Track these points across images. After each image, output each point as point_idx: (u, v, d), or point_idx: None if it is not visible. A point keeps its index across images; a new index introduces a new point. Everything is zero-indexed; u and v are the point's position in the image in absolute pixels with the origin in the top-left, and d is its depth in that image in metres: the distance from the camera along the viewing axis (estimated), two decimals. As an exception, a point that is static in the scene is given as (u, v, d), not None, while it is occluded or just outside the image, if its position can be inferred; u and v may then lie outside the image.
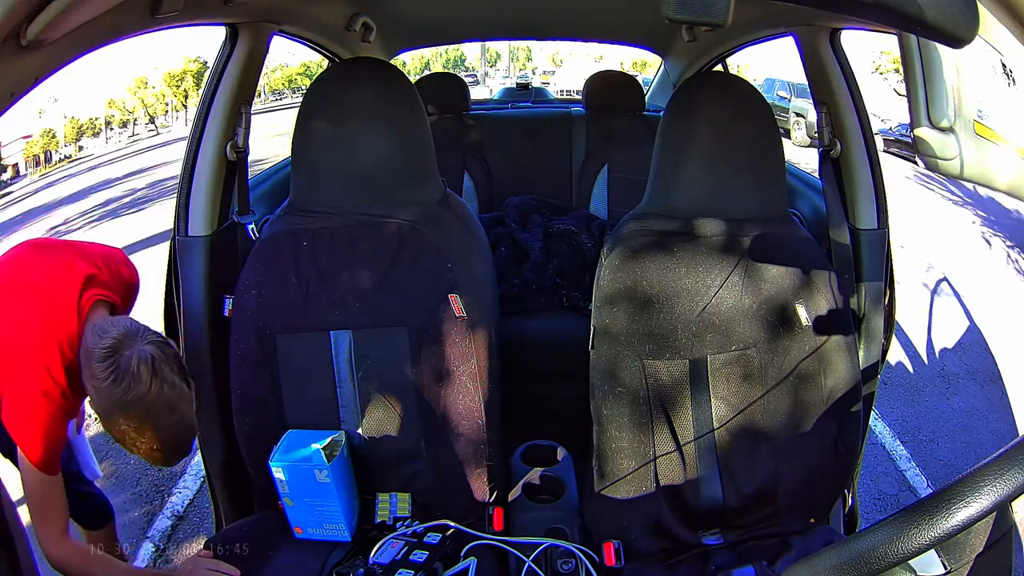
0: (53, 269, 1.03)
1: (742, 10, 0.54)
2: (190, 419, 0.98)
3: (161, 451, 0.97)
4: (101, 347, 0.92)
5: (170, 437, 0.96)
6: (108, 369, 0.91)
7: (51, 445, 0.97)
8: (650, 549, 1.01)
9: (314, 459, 0.94)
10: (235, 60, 1.26)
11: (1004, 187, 0.57)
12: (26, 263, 1.04)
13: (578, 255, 1.74)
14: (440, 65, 21.12)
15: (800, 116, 10.19)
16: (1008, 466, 0.41)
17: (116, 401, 0.91)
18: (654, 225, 1.04)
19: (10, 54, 0.55)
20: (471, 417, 1.03)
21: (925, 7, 0.44)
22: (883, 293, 1.22)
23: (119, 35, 0.77)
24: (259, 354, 1.03)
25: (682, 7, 0.45)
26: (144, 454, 0.97)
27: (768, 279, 1.02)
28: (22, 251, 1.07)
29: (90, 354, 0.92)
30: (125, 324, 0.97)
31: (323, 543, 1.00)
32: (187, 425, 0.98)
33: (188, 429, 0.99)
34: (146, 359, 0.92)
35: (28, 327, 0.97)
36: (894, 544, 0.43)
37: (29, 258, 1.06)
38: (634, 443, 1.01)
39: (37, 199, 9.52)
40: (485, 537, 0.99)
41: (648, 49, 2.44)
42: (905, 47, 0.57)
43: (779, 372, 1.02)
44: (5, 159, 13.51)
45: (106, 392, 0.91)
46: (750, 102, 1.01)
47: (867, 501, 2.13)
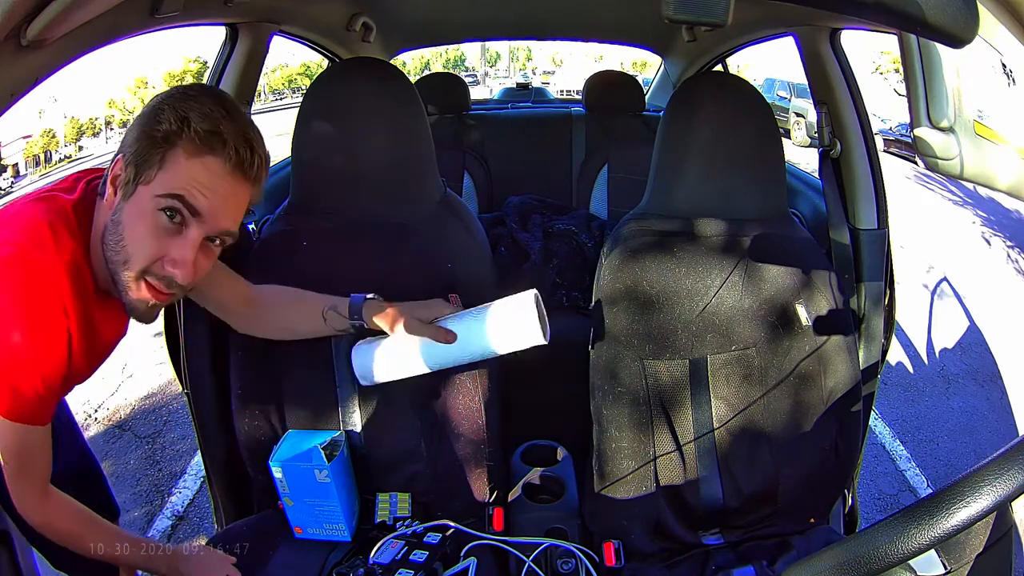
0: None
1: (742, 10, 0.54)
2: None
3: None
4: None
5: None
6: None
7: (50, 381, 0.74)
8: (650, 549, 1.01)
9: (314, 459, 0.94)
10: (235, 60, 1.26)
11: (1004, 187, 0.57)
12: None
13: (578, 255, 1.74)
14: (440, 65, 21.12)
15: (800, 116, 10.20)
16: (1008, 466, 0.41)
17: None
18: (654, 225, 1.04)
19: (10, 54, 0.55)
20: (471, 417, 1.03)
21: (925, 7, 0.44)
22: (883, 293, 1.22)
23: (119, 35, 0.77)
24: (260, 354, 1.03)
25: (682, 7, 0.45)
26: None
27: (768, 279, 1.02)
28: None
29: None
30: None
31: (323, 543, 1.00)
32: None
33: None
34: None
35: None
36: (894, 544, 0.43)
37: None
38: (634, 443, 1.01)
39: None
40: (485, 537, 0.99)
41: (648, 49, 2.44)
42: (905, 47, 0.57)
43: (779, 372, 1.02)
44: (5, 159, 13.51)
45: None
46: (750, 102, 1.01)
47: (867, 501, 2.13)
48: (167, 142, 0.71)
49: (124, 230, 0.72)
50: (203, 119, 0.71)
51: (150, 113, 0.73)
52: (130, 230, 0.72)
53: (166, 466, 2.31)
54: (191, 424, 1.19)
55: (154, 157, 0.71)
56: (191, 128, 0.71)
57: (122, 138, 0.76)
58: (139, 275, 0.73)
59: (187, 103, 0.72)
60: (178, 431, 2.52)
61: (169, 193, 0.71)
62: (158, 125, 0.71)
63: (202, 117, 0.71)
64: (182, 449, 2.39)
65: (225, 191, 0.74)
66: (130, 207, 0.72)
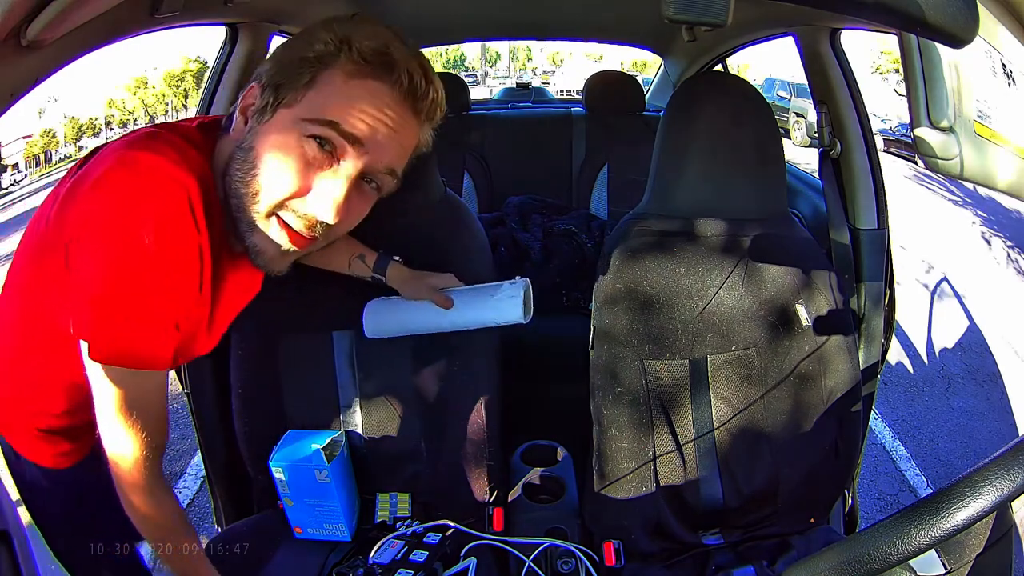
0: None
1: (742, 10, 0.54)
2: None
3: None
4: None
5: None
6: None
7: (172, 313, 0.62)
8: (650, 549, 1.01)
9: (314, 459, 0.94)
10: (235, 60, 1.26)
11: (1004, 187, 0.57)
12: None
13: (578, 255, 1.74)
14: (440, 65, 21.11)
15: (800, 116, 10.19)
16: (1008, 466, 0.41)
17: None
18: (654, 225, 1.04)
19: (10, 54, 0.55)
20: (471, 417, 1.03)
21: (925, 7, 0.44)
22: (883, 293, 1.22)
23: (119, 35, 0.77)
24: (261, 354, 1.03)
25: (682, 7, 0.45)
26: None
27: (768, 279, 1.02)
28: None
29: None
30: None
31: (323, 543, 1.00)
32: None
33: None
34: None
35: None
36: (894, 544, 0.43)
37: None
38: (634, 443, 1.01)
39: (37, 199, 9.52)
40: (485, 537, 0.99)
41: (648, 49, 2.44)
42: (905, 47, 0.57)
43: (779, 372, 1.02)
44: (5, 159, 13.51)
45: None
46: (750, 102, 1.01)
47: (867, 501, 2.13)
48: (320, 62, 0.61)
49: (257, 158, 0.61)
50: (373, 43, 0.61)
51: (300, 37, 0.63)
52: (265, 159, 0.61)
53: (166, 466, 2.28)
54: (191, 424, 1.19)
55: (301, 77, 0.60)
56: (352, 47, 0.60)
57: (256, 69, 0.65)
58: (271, 210, 0.62)
59: (348, 25, 0.62)
60: (178, 431, 2.51)
61: (320, 118, 0.60)
62: (309, 46, 0.61)
63: (370, 41, 0.61)
64: (182, 449, 2.39)
65: (391, 121, 0.62)
66: (266, 130, 0.61)
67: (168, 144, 0.61)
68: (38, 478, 0.82)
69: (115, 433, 0.66)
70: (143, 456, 0.68)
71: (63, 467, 0.83)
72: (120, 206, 0.57)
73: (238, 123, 0.64)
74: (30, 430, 0.80)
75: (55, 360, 0.72)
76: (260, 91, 0.63)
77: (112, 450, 0.67)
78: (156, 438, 0.69)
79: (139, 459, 0.68)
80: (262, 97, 0.62)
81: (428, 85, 0.64)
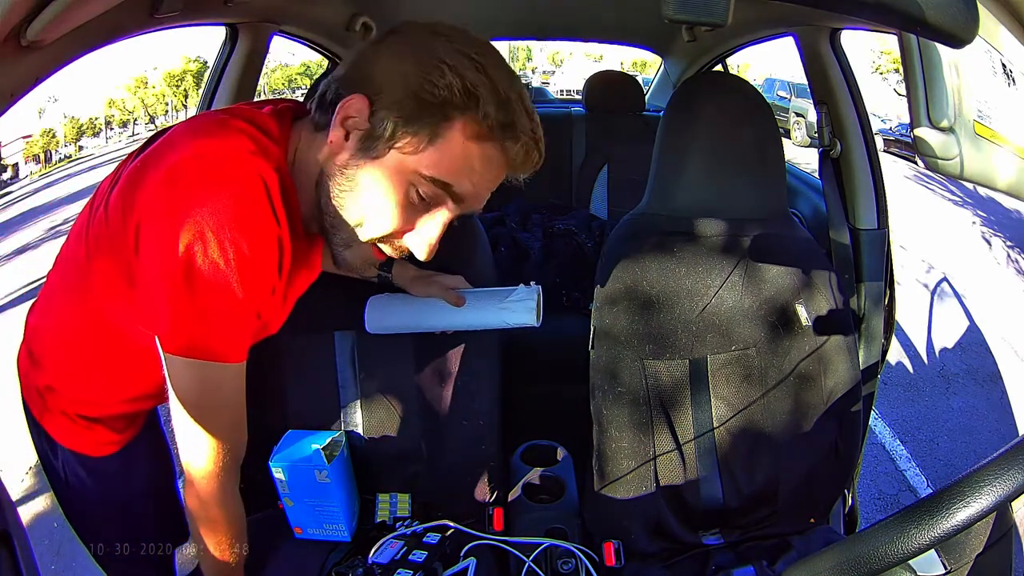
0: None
1: (742, 10, 0.54)
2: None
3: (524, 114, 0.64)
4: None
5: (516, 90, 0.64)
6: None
7: (254, 305, 0.62)
8: (650, 549, 1.01)
9: (314, 459, 0.94)
10: (235, 60, 1.27)
11: (1004, 187, 0.57)
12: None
13: (578, 255, 1.74)
14: (440, 65, 21.05)
15: (800, 116, 10.20)
16: (1008, 466, 0.41)
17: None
18: (654, 225, 1.04)
19: (10, 54, 0.55)
20: (471, 417, 1.03)
21: (925, 7, 0.44)
22: (883, 293, 1.22)
23: (119, 35, 0.77)
24: (261, 353, 1.03)
25: (682, 7, 0.45)
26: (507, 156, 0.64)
27: (768, 279, 1.02)
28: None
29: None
30: None
31: (323, 543, 1.00)
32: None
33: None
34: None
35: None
36: (894, 544, 0.43)
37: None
38: (634, 443, 1.01)
39: (37, 199, 9.51)
40: (485, 537, 0.99)
41: (648, 49, 2.44)
42: (905, 47, 0.57)
43: (779, 372, 1.02)
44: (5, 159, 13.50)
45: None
46: (750, 102, 1.01)
47: (867, 501, 2.13)
48: (443, 113, 0.60)
49: (364, 193, 0.63)
50: (497, 105, 0.61)
51: (423, 60, 0.60)
52: (373, 195, 0.63)
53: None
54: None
55: (422, 125, 0.60)
56: (480, 105, 0.60)
57: (349, 66, 0.63)
58: (371, 241, 0.66)
59: (474, 71, 0.60)
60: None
61: (436, 179, 0.62)
62: (434, 86, 0.59)
63: (495, 100, 0.61)
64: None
65: (494, 181, 0.66)
66: (377, 169, 0.62)
67: (243, 133, 0.61)
68: (75, 466, 0.81)
69: (190, 430, 0.65)
70: (219, 456, 0.66)
71: (103, 455, 0.82)
72: (199, 199, 0.57)
73: (337, 134, 0.63)
74: (73, 418, 0.79)
75: (111, 348, 0.71)
76: (369, 112, 0.61)
77: (186, 448, 0.66)
78: (233, 436, 0.68)
79: (214, 460, 0.66)
80: (372, 122, 0.61)
81: (540, 157, 0.66)
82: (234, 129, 0.61)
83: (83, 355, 0.74)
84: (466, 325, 0.96)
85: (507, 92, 0.62)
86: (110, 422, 0.82)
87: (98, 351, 0.73)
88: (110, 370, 0.75)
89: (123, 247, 0.61)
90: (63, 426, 0.80)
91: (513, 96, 0.62)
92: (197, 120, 0.64)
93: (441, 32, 0.63)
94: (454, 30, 0.64)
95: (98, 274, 0.66)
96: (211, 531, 0.72)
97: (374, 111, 0.61)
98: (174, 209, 0.57)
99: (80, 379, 0.76)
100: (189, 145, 0.59)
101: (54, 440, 0.80)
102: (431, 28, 0.64)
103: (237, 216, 0.57)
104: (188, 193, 0.57)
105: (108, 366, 0.74)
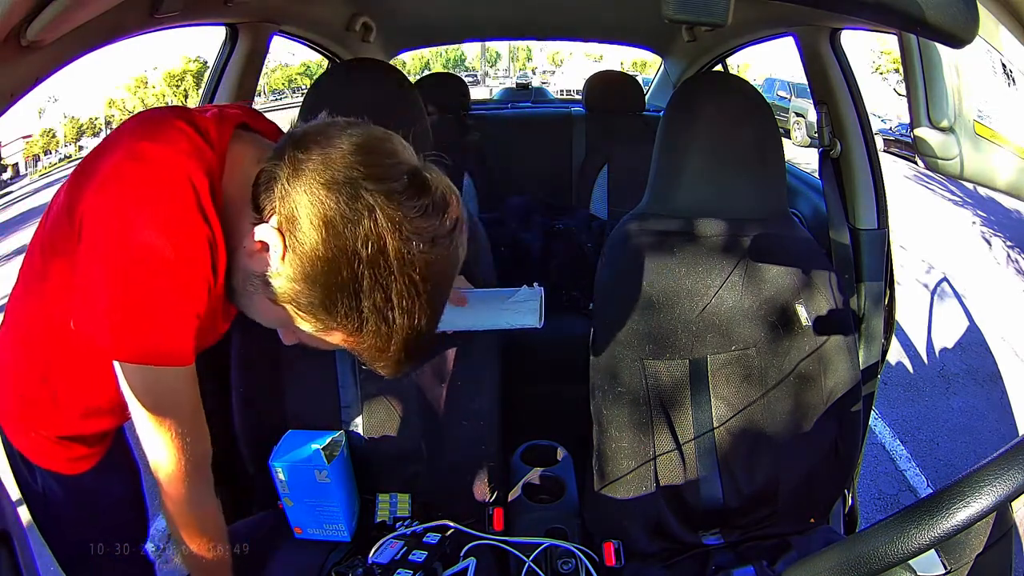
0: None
1: (742, 10, 0.54)
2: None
3: (401, 350, 0.63)
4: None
5: (432, 322, 0.63)
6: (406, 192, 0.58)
7: (190, 306, 0.62)
8: (650, 549, 1.01)
9: (314, 460, 0.94)
10: (235, 60, 1.27)
11: (1004, 187, 0.58)
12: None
13: (578, 255, 1.74)
14: (440, 65, 21.10)
15: (800, 116, 10.19)
16: (1008, 466, 0.41)
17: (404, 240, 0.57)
18: (654, 225, 1.04)
19: (10, 54, 0.55)
20: (471, 417, 1.03)
21: (925, 7, 0.44)
22: (883, 293, 1.22)
23: (119, 35, 0.77)
24: (261, 354, 1.03)
25: (682, 7, 0.46)
26: (370, 356, 0.64)
27: (768, 279, 1.02)
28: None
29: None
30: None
31: (323, 543, 1.00)
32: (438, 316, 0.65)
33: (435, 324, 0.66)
34: (448, 183, 0.62)
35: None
36: (894, 544, 0.43)
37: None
38: (634, 443, 1.01)
39: (37, 199, 9.52)
40: (485, 537, 0.99)
41: (648, 49, 2.44)
42: (905, 47, 0.57)
43: (779, 372, 1.02)
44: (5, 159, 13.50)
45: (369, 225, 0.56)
46: (750, 102, 1.01)
47: (867, 501, 2.13)
48: (339, 324, 0.61)
49: (252, 301, 0.65)
50: (395, 347, 0.61)
51: (348, 258, 0.57)
52: (256, 309, 0.67)
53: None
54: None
55: (317, 322, 0.62)
56: (368, 340, 0.61)
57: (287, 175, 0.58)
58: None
59: (397, 298, 0.59)
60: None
61: (303, 345, 0.67)
62: (356, 296, 0.58)
63: (399, 340, 0.61)
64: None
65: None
66: (266, 305, 0.64)
67: (181, 133, 0.62)
68: (51, 485, 0.81)
69: (150, 437, 0.66)
70: (181, 460, 0.67)
71: (77, 472, 0.82)
72: (127, 205, 0.58)
73: (249, 248, 0.62)
74: (47, 437, 0.79)
75: (73, 362, 0.72)
76: (280, 261, 0.60)
77: (150, 455, 0.67)
78: (194, 441, 0.68)
79: (177, 463, 0.67)
80: (276, 276, 0.61)
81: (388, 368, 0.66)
82: (173, 128, 0.62)
83: (44, 369, 0.74)
84: (469, 325, 0.96)
85: (417, 320, 0.61)
86: (82, 438, 0.82)
87: (58, 364, 0.73)
88: (71, 384, 0.75)
89: (72, 246, 0.61)
90: (37, 445, 0.79)
91: (422, 323, 0.61)
92: (141, 117, 0.65)
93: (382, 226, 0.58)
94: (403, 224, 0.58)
95: (53, 278, 0.67)
96: (189, 533, 0.73)
97: (282, 269, 0.60)
98: (106, 218, 0.58)
99: (44, 396, 0.76)
100: (127, 145, 0.61)
101: (30, 461, 0.80)
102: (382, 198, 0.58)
103: (166, 218, 0.58)
104: (119, 200, 0.58)
105: (69, 379, 0.74)
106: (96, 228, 0.59)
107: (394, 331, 0.60)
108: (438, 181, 0.61)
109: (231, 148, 0.67)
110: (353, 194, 0.56)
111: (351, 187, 0.57)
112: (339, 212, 0.56)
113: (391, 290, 0.58)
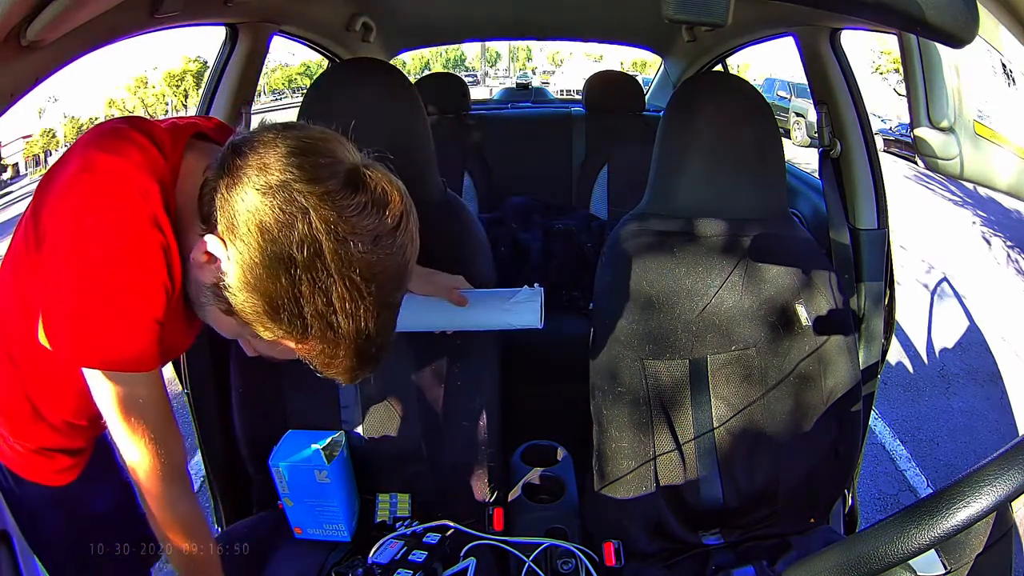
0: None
1: (742, 10, 0.54)
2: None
3: (354, 357, 0.62)
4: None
5: (381, 325, 0.61)
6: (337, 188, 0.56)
7: (149, 313, 0.62)
8: (650, 549, 1.01)
9: (314, 460, 0.94)
10: (235, 60, 1.27)
11: (1004, 187, 0.58)
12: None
13: (578, 255, 1.74)
14: (440, 65, 21.11)
15: (800, 116, 10.20)
16: (1008, 466, 0.41)
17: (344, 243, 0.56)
18: (654, 225, 1.04)
19: (10, 54, 0.55)
20: (471, 417, 1.03)
21: (925, 7, 0.44)
22: (883, 293, 1.22)
23: (119, 35, 0.77)
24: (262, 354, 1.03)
25: (682, 7, 0.46)
26: (320, 364, 0.63)
27: (768, 279, 1.02)
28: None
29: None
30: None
31: (323, 543, 1.00)
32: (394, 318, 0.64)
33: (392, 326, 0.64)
34: (391, 179, 0.61)
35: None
36: (894, 544, 0.43)
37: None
38: (634, 443, 1.01)
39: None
40: (485, 537, 0.99)
41: (648, 49, 2.44)
42: (905, 47, 0.57)
43: (779, 372, 1.02)
44: (5, 159, 13.50)
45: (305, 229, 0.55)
46: (750, 102, 1.01)
47: (867, 501, 2.13)
48: (285, 332, 0.60)
49: (206, 312, 0.65)
50: (344, 352, 0.60)
51: (284, 263, 0.56)
52: (212, 319, 0.66)
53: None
54: (191, 424, 1.19)
55: (266, 331, 0.61)
56: (315, 346, 0.61)
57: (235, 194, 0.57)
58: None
59: (339, 301, 0.57)
60: (178, 431, 2.52)
61: (260, 355, 0.68)
62: (296, 302, 0.57)
63: (348, 345, 0.60)
64: (182, 449, 2.39)
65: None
66: (219, 316, 0.64)
67: (131, 143, 0.62)
68: (39, 497, 0.81)
69: (123, 440, 0.67)
70: (156, 463, 0.69)
71: (64, 483, 0.83)
72: (82, 215, 0.59)
73: (196, 259, 0.61)
74: (30, 449, 0.79)
75: (50, 372, 0.72)
76: (222, 273, 0.60)
77: (127, 458, 0.69)
78: (167, 444, 0.69)
79: (152, 466, 0.69)
80: (222, 287, 0.60)
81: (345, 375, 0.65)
82: (126, 140, 0.63)
83: (23, 381, 0.74)
84: (469, 325, 0.96)
85: (365, 326, 0.59)
86: (65, 449, 0.82)
87: (35, 376, 0.73)
88: (50, 395, 0.75)
89: (36, 257, 0.62)
90: (22, 458, 0.79)
91: (374, 334, 0.60)
92: (99, 130, 0.66)
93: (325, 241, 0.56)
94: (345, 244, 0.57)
95: (27, 297, 0.67)
96: (172, 533, 0.74)
97: (228, 280, 0.59)
98: (65, 221, 0.59)
99: (25, 408, 0.76)
100: (82, 157, 0.62)
101: (17, 475, 0.80)
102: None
103: (118, 227, 0.59)
104: (73, 212, 0.59)
105: (47, 391, 0.75)
106: (55, 238, 0.60)
107: (340, 336, 0.59)
108: (378, 178, 0.60)
109: (185, 158, 0.67)
110: (287, 197, 0.55)
111: (284, 190, 0.55)
112: (273, 217, 0.55)
113: (331, 294, 0.57)
